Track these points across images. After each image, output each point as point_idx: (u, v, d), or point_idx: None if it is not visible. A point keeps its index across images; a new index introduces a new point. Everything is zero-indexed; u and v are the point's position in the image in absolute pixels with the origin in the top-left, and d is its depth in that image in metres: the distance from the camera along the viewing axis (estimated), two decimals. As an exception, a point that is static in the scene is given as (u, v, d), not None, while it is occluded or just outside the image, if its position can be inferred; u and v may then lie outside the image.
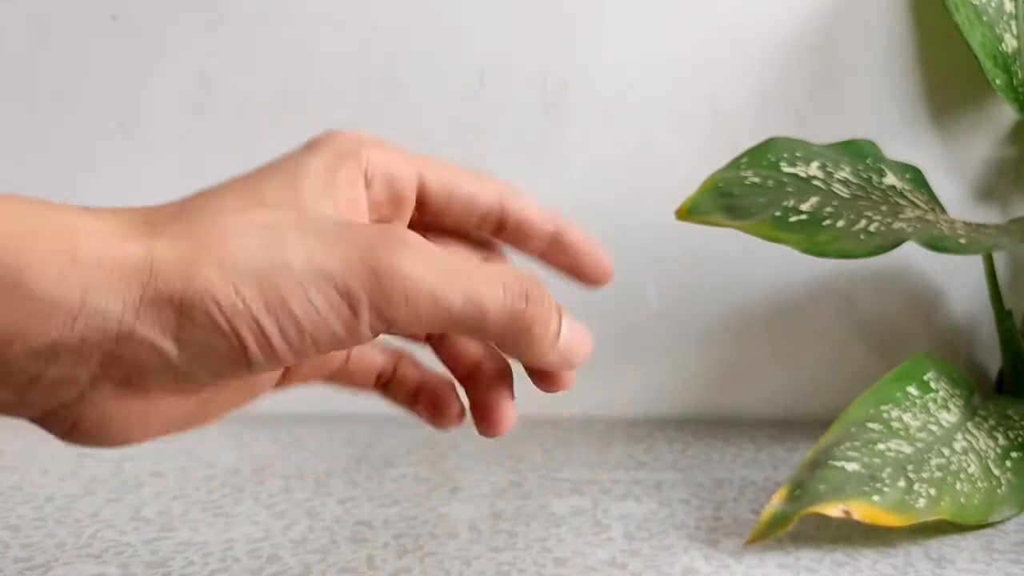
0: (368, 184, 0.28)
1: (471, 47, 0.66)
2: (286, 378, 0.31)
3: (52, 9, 0.66)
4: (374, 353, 0.33)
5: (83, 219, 0.23)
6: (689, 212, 0.50)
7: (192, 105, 0.67)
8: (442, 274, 0.24)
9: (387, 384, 0.33)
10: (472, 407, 0.31)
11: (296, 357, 0.24)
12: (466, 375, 0.31)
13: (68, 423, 0.24)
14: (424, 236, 0.30)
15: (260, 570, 0.42)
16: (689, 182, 0.52)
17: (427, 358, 0.33)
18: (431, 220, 0.30)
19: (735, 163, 0.53)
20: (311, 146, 0.28)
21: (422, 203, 0.30)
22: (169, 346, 0.23)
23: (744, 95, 0.66)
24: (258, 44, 0.66)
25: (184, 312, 0.23)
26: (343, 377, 0.33)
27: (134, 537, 0.46)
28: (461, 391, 0.32)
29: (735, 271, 0.68)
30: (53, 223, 0.23)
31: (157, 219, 0.24)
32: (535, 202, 0.31)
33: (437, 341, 0.32)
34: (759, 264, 0.67)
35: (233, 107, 0.67)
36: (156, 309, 0.22)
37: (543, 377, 0.29)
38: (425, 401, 0.33)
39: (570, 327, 0.27)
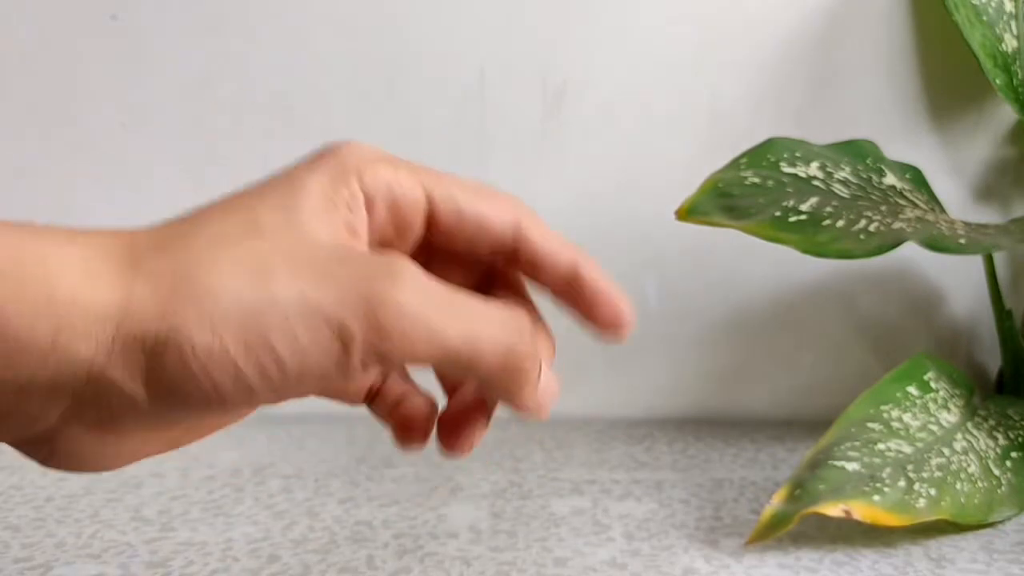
0: (370, 206, 0.26)
1: (471, 47, 0.66)
2: None
3: (52, 9, 0.66)
4: None
5: (63, 252, 0.22)
6: (689, 212, 0.50)
7: (192, 105, 0.67)
8: (440, 310, 0.23)
9: (374, 398, 0.32)
10: (446, 419, 0.30)
11: (278, 396, 0.23)
12: (453, 389, 0.31)
13: (44, 452, 0.24)
14: (431, 261, 0.29)
15: (260, 570, 0.42)
16: (689, 182, 0.52)
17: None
18: (440, 243, 0.28)
19: (735, 163, 0.53)
20: (313, 161, 0.26)
21: (431, 225, 0.28)
22: (138, 390, 0.22)
23: (744, 95, 0.66)
24: (258, 44, 0.66)
25: (155, 354, 0.22)
26: (335, 392, 0.32)
27: (134, 537, 0.46)
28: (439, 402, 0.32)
29: (735, 271, 0.68)
30: (31, 257, 0.22)
31: (142, 249, 0.23)
32: (554, 233, 0.29)
33: None
34: (759, 264, 0.67)
35: (233, 107, 0.67)
36: (127, 351, 0.22)
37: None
38: (397, 417, 0.31)
39: (547, 373, 0.27)
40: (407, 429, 0.31)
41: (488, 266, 0.30)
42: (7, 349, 0.21)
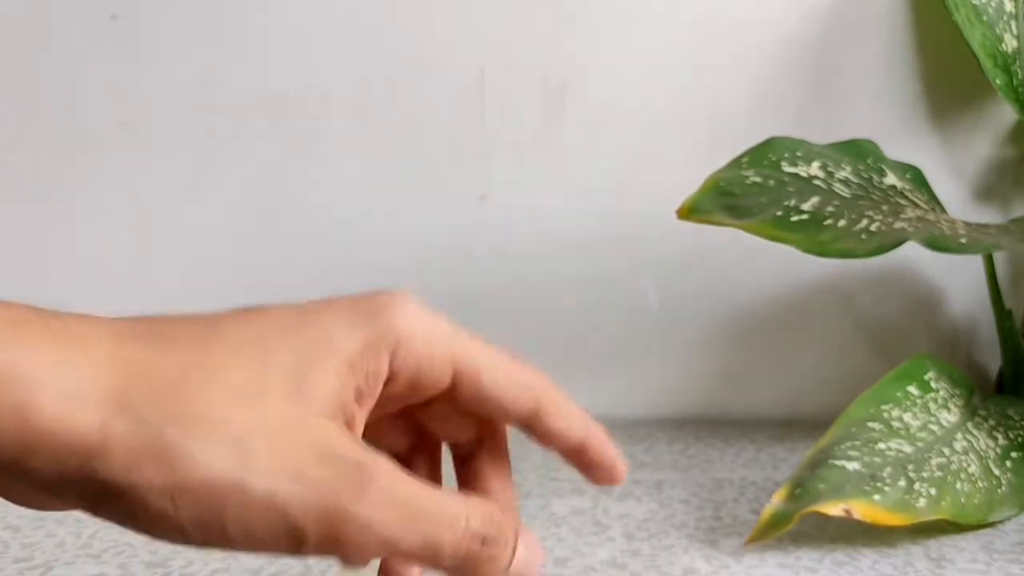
0: (391, 379, 0.26)
1: (471, 47, 0.66)
2: None
3: (52, 9, 0.66)
4: None
5: (52, 373, 0.22)
6: (690, 211, 0.50)
7: (192, 105, 0.67)
8: (401, 519, 0.24)
9: None
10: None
11: (208, 549, 0.24)
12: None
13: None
14: (425, 411, 0.29)
15: (260, 570, 0.42)
16: (689, 182, 0.52)
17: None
18: (443, 405, 0.29)
19: (736, 163, 0.53)
20: (357, 314, 0.26)
21: (449, 393, 0.28)
22: (81, 508, 0.23)
23: (744, 95, 0.66)
24: (258, 44, 0.66)
25: (110, 496, 0.22)
26: None
27: (134, 537, 0.46)
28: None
29: (735, 271, 0.68)
30: (17, 372, 0.22)
31: (134, 384, 0.23)
32: (570, 411, 0.30)
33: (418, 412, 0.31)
34: (759, 264, 0.67)
35: (233, 107, 0.67)
36: (84, 485, 0.22)
37: None
38: None
39: (526, 546, 0.27)
40: None
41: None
42: None
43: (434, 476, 0.32)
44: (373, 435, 0.29)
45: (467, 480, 0.31)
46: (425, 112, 0.66)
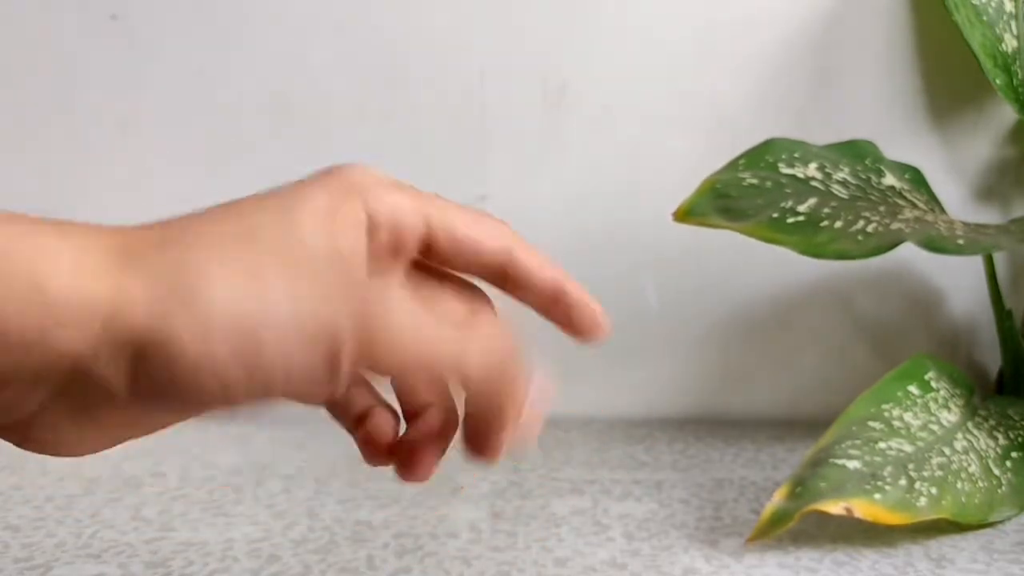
0: (371, 231, 0.26)
1: (471, 47, 0.66)
2: None
3: (52, 9, 0.66)
4: None
5: (55, 245, 0.22)
6: (686, 214, 0.50)
7: (192, 105, 0.67)
8: (428, 326, 0.24)
9: (335, 402, 0.32)
10: (401, 446, 0.30)
11: (260, 399, 0.23)
12: (412, 414, 0.31)
13: (19, 434, 0.24)
14: (419, 273, 0.29)
15: (260, 570, 0.42)
16: (688, 182, 0.52)
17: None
18: (433, 262, 0.29)
19: (733, 164, 0.53)
20: (318, 178, 0.27)
21: (425, 250, 0.28)
22: (121, 387, 0.22)
23: (744, 95, 0.66)
24: (258, 44, 0.66)
25: (143, 355, 0.22)
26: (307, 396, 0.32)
27: (134, 537, 0.46)
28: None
29: (735, 271, 0.68)
30: (23, 250, 0.22)
31: (140, 248, 0.23)
32: (541, 258, 0.30)
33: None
34: (760, 264, 0.67)
35: (233, 107, 0.67)
36: (114, 348, 0.22)
37: (481, 447, 0.29)
38: (363, 433, 0.31)
39: (538, 384, 0.28)
40: (374, 447, 0.31)
41: (468, 286, 0.31)
42: None
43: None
44: None
45: None
46: (425, 112, 0.66)
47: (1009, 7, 0.60)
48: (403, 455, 0.30)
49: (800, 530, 0.46)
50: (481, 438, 0.28)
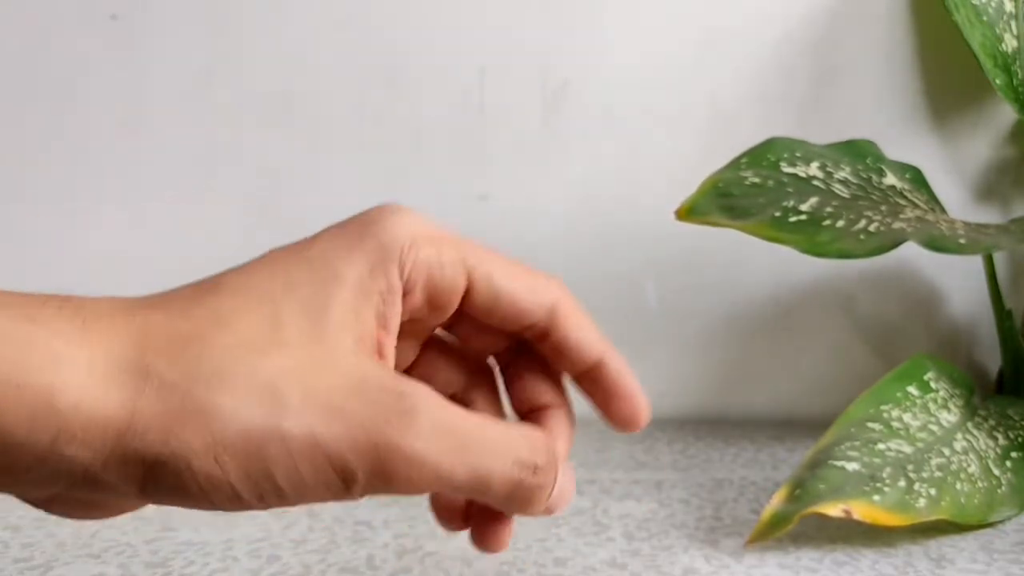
0: (407, 292, 0.25)
1: (471, 47, 0.66)
2: None
3: (52, 9, 0.66)
4: None
5: (68, 352, 0.22)
6: (689, 212, 0.50)
7: (192, 105, 0.67)
8: (450, 449, 0.23)
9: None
10: (473, 509, 0.29)
11: (271, 507, 0.23)
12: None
13: (40, 507, 0.25)
14: (461, 326, 0.28)
15: (260, 570, 0.42)
16: (689, 182, 0.52)
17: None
18: (472, 314, 0.28)
19: (735, 163, 0.53)
20: (353, 240, 0.25)
21: (465, 300, 0.27)
22: (132, 493, 0.23)
23: (744, 95, 0.66)
24: (258, 44, 0.66)
25: (154, 471, 0.22)
26: None
27: (134, 537, 0.46)
28: None
29: (735, 271, 0.68)
30: (36, 358, 0.21)
31: (153, 351, 0.22)
32: (588, 323, 0.28)
33: None
34: (759, 264, 0.67)
35: (233, 107, 0.67)
36: (125, 463, 0.22)
37: (488, 544, 0.28)
38: (435, 504, 0.30)
39: (564, 476, 0.26)
40: (448, 512, 0.30)
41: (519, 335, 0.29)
42: (4, 446, 0.21)
43: (495, 412, 0.30)
44: (424, 374, 0.29)
45: (519, 396, 0.30)
46: (425, 112, 0.66)
47: (1009, 7, 0.60)
48: (477, 522, 0.29)
49: (800, 530, 0.46)
50: (491, 534, 0.28)
